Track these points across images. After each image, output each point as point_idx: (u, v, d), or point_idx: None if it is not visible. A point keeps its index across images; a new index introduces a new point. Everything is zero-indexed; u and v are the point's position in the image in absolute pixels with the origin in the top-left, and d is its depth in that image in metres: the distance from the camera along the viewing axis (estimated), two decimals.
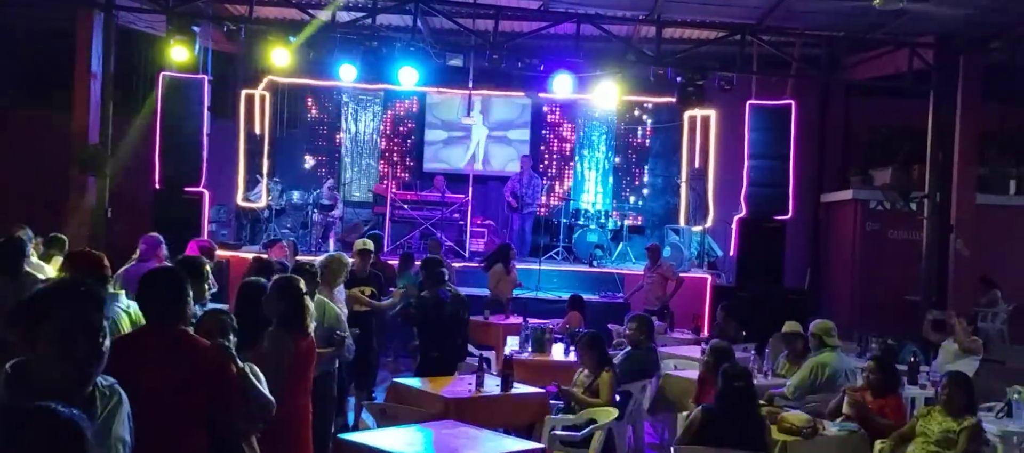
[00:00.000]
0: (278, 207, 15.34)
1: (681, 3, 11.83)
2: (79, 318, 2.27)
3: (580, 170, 17.02)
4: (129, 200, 13.04)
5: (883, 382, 6.26)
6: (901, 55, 12.70)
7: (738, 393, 5.29)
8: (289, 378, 4.52)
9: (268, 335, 4.65)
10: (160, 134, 12.74)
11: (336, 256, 7.59)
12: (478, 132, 16.68)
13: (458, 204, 15.08)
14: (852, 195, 15.38)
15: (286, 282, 4.89)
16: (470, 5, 12.37)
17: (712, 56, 13.53)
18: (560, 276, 13.65)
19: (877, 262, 14.94)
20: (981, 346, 9.02)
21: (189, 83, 12.81)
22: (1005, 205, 14.87)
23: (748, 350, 8.60)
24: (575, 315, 9.94)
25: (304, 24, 12.87)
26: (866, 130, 16.55)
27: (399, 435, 5.16)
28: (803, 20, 12.25)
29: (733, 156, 13.85)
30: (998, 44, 12.37)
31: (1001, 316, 13.58)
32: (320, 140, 17.11)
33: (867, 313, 13.97)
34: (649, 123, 16.95)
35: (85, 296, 2.34)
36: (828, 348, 7.21)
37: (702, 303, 12.87)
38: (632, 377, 7.28)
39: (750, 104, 13.03)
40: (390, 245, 14.44)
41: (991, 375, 8.83)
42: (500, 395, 6.31)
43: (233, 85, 15.65)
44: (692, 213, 15.73)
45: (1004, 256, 14.38)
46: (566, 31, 13.10)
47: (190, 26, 12.06)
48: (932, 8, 10.70)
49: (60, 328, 2.25)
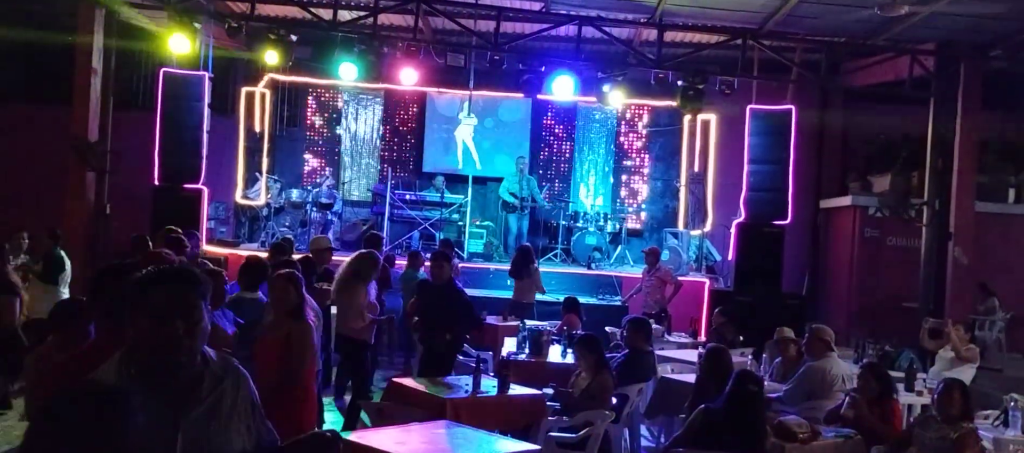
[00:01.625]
0: (277, 205, 15.34)
1: (683, 7, 11.82)
2: (174, 295, 2.36)
3: (579, 172, 17.03)
4: (128, 196, 13.04)
5: (878, 389, 6.27)
6: (901, 62, 12.70)
7: (749, 397, 5.26)
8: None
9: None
10: (160, 130, 12.74)
11: (368, 253, 7.88)
12: (463, 132, 16.65)
13: (457, 204, 15.09)
14: (851, 201, 15.38)
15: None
16: (471, 6, 12.37)
17: (713, 60, 13.54)
18: (558, 278, 13.65)
19: (875, 268, 14.95)
20: (978, 354, 9.02)
21: (189, 80, 12.81)
22: (1004, 213, 14.89)
23: (745, 355, 8.61)
24: (572, 318, 9.93)
25: (306, 22, 12.87)
26: (865, 136, 16.56)
27: (395, 435, 5.15)
28: (804, 26, 12.25)
29: (733, 160, 13.85)
30: (998, 52, 12.38)
31: (998, 324, 13.60)
32: (320, 139, 17.12)
33: (865, 319, 13.99)
34: (649, 126, 16.95)
35: (179, 275, 2.44)
36: (825, 353, 7.20)
37: (700, 307, 12.89)
38: (629, 380, 7.28)
39: (750, 109, 13.03)
40: (389, 245, 14.45)
41: (988, 383, 8.84)
42: (497, 396, 6.31)
43: (234, 82, 15.65)
44: (691, 217, 15.74)
45: (1002, 264, 14.41)
46: (568, 33, 13.12)
47: (191, 23, 12.05)
48: (933, 14, 10.69)
49: (155, 304, 2.34)
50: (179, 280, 2.41)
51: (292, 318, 5.24)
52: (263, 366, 5.03)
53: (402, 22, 13.45)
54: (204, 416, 2.38)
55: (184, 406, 2.35)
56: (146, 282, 2.41)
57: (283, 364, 5.07)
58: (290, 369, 5.09)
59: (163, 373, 2.35)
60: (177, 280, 2.41)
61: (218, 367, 2.48)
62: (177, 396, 2.35)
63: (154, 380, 2.33)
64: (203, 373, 2.43)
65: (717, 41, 12.93)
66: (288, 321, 5.23)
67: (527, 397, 6.53)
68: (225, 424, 2.44)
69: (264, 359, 5.14)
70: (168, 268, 2.52)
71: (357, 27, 12.53)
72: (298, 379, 5.17)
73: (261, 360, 5.13)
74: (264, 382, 4.92)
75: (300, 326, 5.24)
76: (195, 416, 2.37)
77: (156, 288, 2.38)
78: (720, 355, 6.49)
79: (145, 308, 2.35)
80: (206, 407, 2.40)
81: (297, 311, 5.27)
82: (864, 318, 14.16)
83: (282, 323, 5.24)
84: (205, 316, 2.40)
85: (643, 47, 13.42)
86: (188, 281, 2.42)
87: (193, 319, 2.36)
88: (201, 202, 12.78)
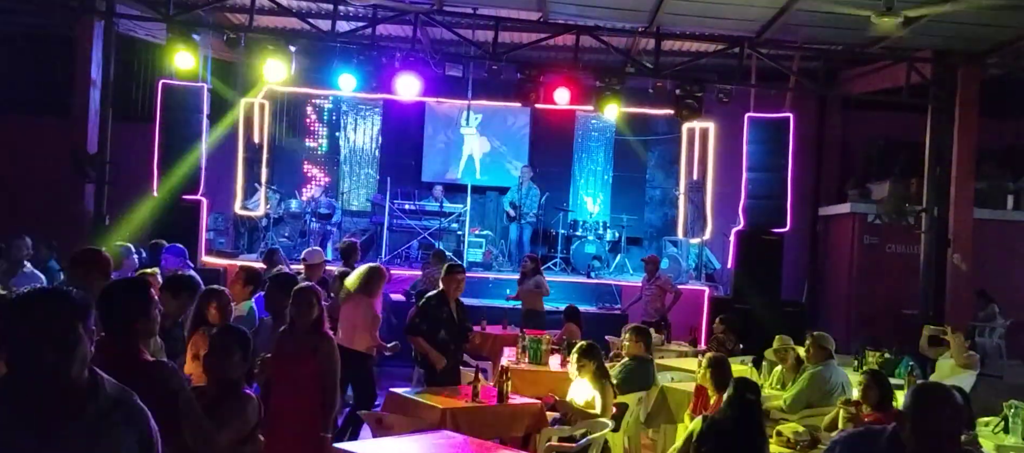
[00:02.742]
0: (276, 215, 15.35)
1: (680, 15, 11.85)
2: (41, 321, 2.25)
3: (578, 181, 17.04)
4: (127, 208, 13.03)
5: (878, 396, 6.26)
6: (899, 69, 12.73)
7: (748, 405, 5.25)
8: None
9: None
10: (159, 141, 12.75)
11: (376, 267, 7.86)
12: (471, 142, 16.69)
13: (456, 214, 15.10)
14: (850, 208, 15.39)
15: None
16: (470, 16, 12.39)
17: (711, 68, 13.56)
18: (558, 287, 13.63)
19: (874, 276, 14.94)
20: (977, 361, 9.01)
21: (188, 91, 12.83)
22: (1003, 220, 14.89)
23: (745, 363, 8.59)
24: (571, 327, 9.93)
25: (304, 34, 12.89)
26: (864, 143, 16.58)
27: (395, 445, 5.15)
28: (802, 34, 12.28)
29: (731, 168, 13.86)
30: (996, 59, 12.41)
31: (998, 331, 13.59)
32: (319, 149, 17.12)
33: (864, 326, 13.98)
34: (647, 135, 16.97)
35: (47, 299, 2.32)
36: (825, 361, 7.20)
37: (699, 315, 12.88)
38: (629, 388, 7.28)
39: (748, 117, 13.05)
40: (388, 254, 14.45)
41: (988, 390, 8.83)
42: (497, 405, 6.30)
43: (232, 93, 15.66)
44: (690, 225, 15.74)
45: (1001, 271, 14.40)
46: (566, 43, 13.14)
47: (190, 34, 12.07)
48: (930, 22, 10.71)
49: (19, 332, 2.25)
50: (47, 305, 2.28)
51: (314, 334, 5.18)
52: (293, 387, 4.99)
53: (401, 32, 13.48)
54: (77, 447, 2.26)
55: (54, 435, 2.24)
56: (11, 307, 2.31)
57: (318, 382, 5.02)
58: (330, 385, 5.05)
59: (32, 400, 2.24)
60: (44, 305, 2.28)
61: (108, 399, 2.33)
62: (48, 424, 2.24)
63: (23, 406, 2.23)
64: (85, 404, 2.29)
65: (715, 49, 12.96)
66: (312, 336, 5.16)
67: (527, 406, 6.52)
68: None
69: (287, 379, 5.07)
70: (34, 291, 2.38)
71: (356, 38, 12.56)
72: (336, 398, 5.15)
73: (287, 381, 5.06)
74: (299, 405, 4.84)
75: (328, 341, 5.18)
76: (64, 445, 2.24)
77: (22, 314, 2.27)
78: (721, 363, 6.48)
79: (11, 335, 2.25)
80: (81, 439, 2.26)
81: (319, 324, 5.22)
82: (863, 325, 14.15)
83: (303, 339, 5.18)
84: (81, 342, 2.27)
85: (641, 56, 13.45)
86: (58, 305, 2.29)
87: (65, 345, 2.24)
88: (200, 213, 12.80)
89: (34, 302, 2.30)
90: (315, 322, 5.19)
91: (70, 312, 2.29)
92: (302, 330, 5.18)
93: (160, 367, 3.41)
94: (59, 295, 2.36)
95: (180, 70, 12.26)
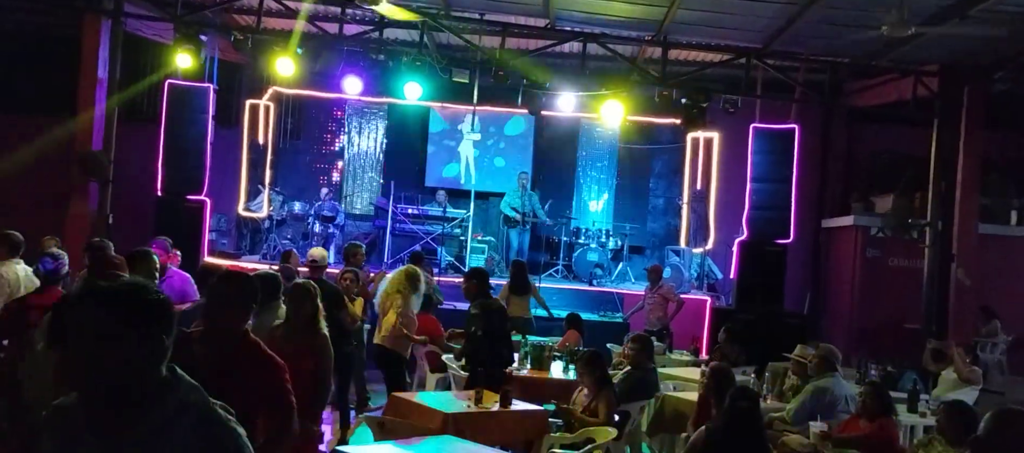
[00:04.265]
0: (279, 217, 15.35)
1: (687, 25, 11.85)
2: (84, 319, 2.18)
3: (582, 189, 17.03)
4: (131, 207, 13.04)
5: (876, 405, 6.29)
6: (905, 82, 12.72)
7: (742, 414, 5.24)
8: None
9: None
10: (164, 141, 12.76)
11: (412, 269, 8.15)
12: (474, 148, 16.68)
13: (459, 219, 15.09)
14: (853, 221, 15.36)
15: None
16: (477, 21, 12.40)
17: (717, 78, 13.56)
18: (559, 294, 13.63)
19: (877, 289, 14.90)
20: (980, 376, 9.00)
21: (194, 91, 12.84)
22: (1006, 236, 14.86)
23: (748, 373, 8.58)
24: (573, 334, 9.91)
25: (311, 35, 12.90)
26: (868, 156, 16.55)
27: (397, 450, 5.13)
28: (808, 46, 12.28)
29: (735, 179, 13.85)
30: (1002, 74, 12.40)
31: (1001, 347, 13.55)
32: (323, 152, 17.13)
33: (866, 339, 13.94)
34: (652, 144, 16.97)
35: (94, 297, 2.23)
36: (829, 373, 7.19)
37: (701, 325, 12.85)
38: (631, 397, 7.26)
39: (754, 127, 13.05)
40: (390, 258, 14.45)
41: (989, 406, 8.79)
42: (499, 411, 6.28)
43: (238, 94, 15.68)
44: (693, 235, 15.72)
45: (1005, 287, 14.35)
46: (572, 50, 13.14)
47: (197, 35, 12.08)
48: (937, 36, 10.71)
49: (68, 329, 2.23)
50: (93, 302, 2.17)
51: (309, 330, 5.14)
52: (292, 384, 4.99)
53: (407, 37, 13.49)
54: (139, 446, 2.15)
55: (120, 437, 2.15)
56: (66, 306, 2.34)
57: (313, 378, 4.99)
58: (324, 380, 5.03)
59: (96, 401, 2.17)
60: (91, 302, 2.17)
61: (176, 402, 2.19)
62: (115, 425, 2.15)
63: (91, 407, 2.18)
64: (153, 403, 2.17)
65: (721, 60, 12.97)
66: (306, 334, 5.13)
67: (529, 413, 6.51)
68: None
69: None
70: (92, 289, 2.27)
71: (362, 41, 12.56)
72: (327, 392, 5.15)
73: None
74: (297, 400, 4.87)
75: (323, 337, 5.14)
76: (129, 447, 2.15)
77: (71, 312, 2.21)
78: (724, 374, 6.47)
79: (66, 333, 2.21)
80: (141, 442, 2.15)
81: (315, 321, 5.20)
82: (865, 338, 14.11)
83: (298, 336, 5.14)
84: (127, 341, 2.12)
85: (647, 64, 13.46)
86: (103, 303, 2.16)
87: (105, 345, 2.11)
88: (203, 213, 12.79)
89: (84, 298, 2.22)
90: (311, 318, 5.19)
91: (116, 309, 2.15)
92: (299, 325, 5.18)
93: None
94: (108, 292, 2.21)
95: (185, 70, 12.27)
